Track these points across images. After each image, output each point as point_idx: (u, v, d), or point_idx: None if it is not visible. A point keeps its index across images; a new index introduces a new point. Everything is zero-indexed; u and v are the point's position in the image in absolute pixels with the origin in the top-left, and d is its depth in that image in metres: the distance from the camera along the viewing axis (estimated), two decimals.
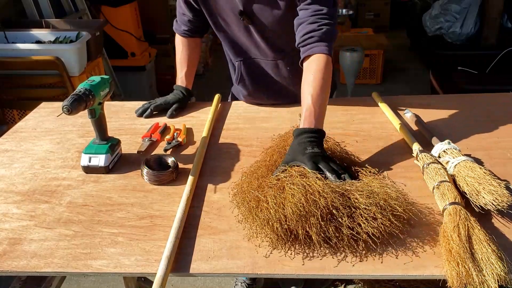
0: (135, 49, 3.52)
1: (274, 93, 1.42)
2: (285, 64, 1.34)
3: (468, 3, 4.17)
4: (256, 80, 1.39)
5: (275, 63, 1.34)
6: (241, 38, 1.32)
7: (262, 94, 1.43)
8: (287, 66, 1.34)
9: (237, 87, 1.45)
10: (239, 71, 1.39)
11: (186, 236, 0.85)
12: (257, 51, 1.33)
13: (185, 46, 1.45)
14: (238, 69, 1.39)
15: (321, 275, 0.77)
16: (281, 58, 1.33)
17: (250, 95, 1.44)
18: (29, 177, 1.07)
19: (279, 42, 1.29)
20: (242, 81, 1.41)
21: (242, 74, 1.39)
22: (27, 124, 1.37)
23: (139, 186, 1.02)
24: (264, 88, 1.41)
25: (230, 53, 1.40)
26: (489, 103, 1.38)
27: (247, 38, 1.31)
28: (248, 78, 1.39)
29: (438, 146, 1.05)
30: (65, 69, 2.31)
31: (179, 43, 1.46)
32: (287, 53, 1.31)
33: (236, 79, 1.42)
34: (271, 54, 1.32)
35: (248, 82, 1.40)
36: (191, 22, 1.40)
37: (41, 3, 2.85)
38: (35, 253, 0.82)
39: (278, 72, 1.36)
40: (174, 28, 1.46)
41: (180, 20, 1.42)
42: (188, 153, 1.17)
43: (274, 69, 1.36)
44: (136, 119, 1.37)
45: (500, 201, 0.83)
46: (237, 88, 1.47)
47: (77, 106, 0.97)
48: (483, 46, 4.11)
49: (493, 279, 0.69)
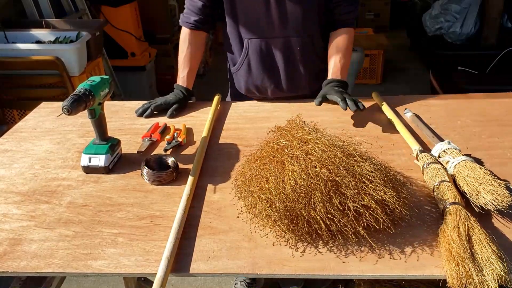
0: (135, 49, 3.52)
1: (277, 79, 1.43)
2: (297, 43, 1.37)
3: (468, 3, 4.17)
4: (263, 62, 1.40)
5: (287, 42, 1.37)
6: (256, 13, 1.34)
7: (266, 80, 1.43)
8: (298, 46, 1.38)
9: (239, 74, 1.45)
10: (246, 50, 1.39)
11: (186, 236, 0.85)
12: (271, 28, 1.36)
13: (191, 43, 1.44)
14: (246, 48, 1.40)
15: (321, 275, 0.77)
16: (294, 36, 1.37)
17: (253, 82, 1.44)
18: (29, 177, 1.07)
19: (295, 20, 1.34)
20: (247, 64, 1.41)
21: (249, 54, 1.40)
22: (27, 124, 1.37)
23: (139, 186, 1.02)
24: (269, 73, 1.42)
25: (241, 30, 1.39)
26: (489, 103, 1.38)
27: (264, 14, 1.33)
28: (255, 58, 1.40)
29: (438, 146, 1.05)
30: (65, 69, 2.31)
31: (185, 40, 1.45)
32: (300, 33, 1.36)
33: (240, 62, 1.43)
34: (284, 32, 1.36)
35: (253, 63, 1.41)
36: (204, 7, 1.40)
37: (41, 3, 2.85)
38: (35, 254, 0.82)
39: (287, 53, 1.39)
40: (181, 21, 1.45)
41: (191, 8, 1.42)
42: (188, 153, 1.17)
43: (284, 49, 1.38)
44: (136, 119, 1.37)
45: (500, 201, 0.83)
46: (238, 77, 1.47)
47: (77, 107, 0.97)
48: (483, 46, 4.11)
49: (493, 279, 0.69)
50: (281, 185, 0.80)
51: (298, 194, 0.78)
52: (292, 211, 0.79)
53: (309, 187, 0.78)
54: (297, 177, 0.79)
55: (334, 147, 0.87)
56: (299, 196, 0.78)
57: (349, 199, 0.78)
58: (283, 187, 0.80)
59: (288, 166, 0.83)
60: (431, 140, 1.12)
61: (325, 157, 0.83)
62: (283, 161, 0.85)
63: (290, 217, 0.80)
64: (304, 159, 0.83)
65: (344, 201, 0.78)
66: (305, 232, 0.80)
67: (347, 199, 0.78)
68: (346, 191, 0.79)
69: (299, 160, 0.84)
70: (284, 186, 0.80)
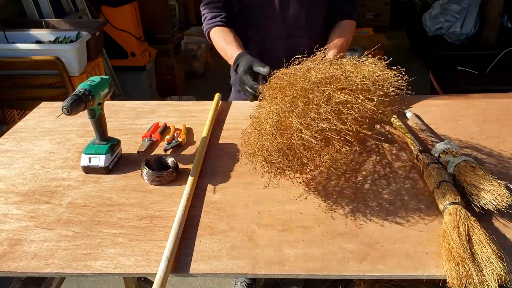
0: (135, 49, 3.52)
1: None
2: (300, 43, 1.33)
3: (468, 3, 4.16)
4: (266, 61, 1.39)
5: (291, 42, 1.38)
6: (261, 13, 1.35)
7: None
8: (302, 47, 1.35)
9: None
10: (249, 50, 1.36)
11: (186, 236, 0.85)
12: (274, 28, 1.37)
13: (225, 33, 1.39)
14: (249, 47, 1.39)
15: (321, 275, 0.77)
16: (298, 36, 1.39)
17: None
18: (29, 177, 1.07)
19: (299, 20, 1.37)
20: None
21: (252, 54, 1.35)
22: (27, 124, 1.37)
23: (139, 187, 1.02)
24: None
25: (244, 30, 1.40)
26: (489, 103, 1.38)
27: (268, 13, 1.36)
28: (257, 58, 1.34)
29: (438, 146, 1.05)
30: (65, 69, 2.31)
31: (218, 32, 1.40)
32: (304, 33, 1.39)
33: None
34: (288, 32, 1.38)
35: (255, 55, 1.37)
36: (225, 4, 1.41)
37: (41, 3, 2.85)
38: (35, 254, 0.82)
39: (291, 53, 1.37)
40: (206, 27, 1.43)
41: (213, 10, 1.41)
42: (188, 153, 1.16)
43: (287, 49, 1.35)
44: (136, 119, 1.37)
45: (500, 201, 0.83)
46: None
47: (77, 107, 0.97)
48: (483, 46, 4.11)
49: (493, 279, 0.69)
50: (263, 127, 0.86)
51: (279, 128, 0.84)
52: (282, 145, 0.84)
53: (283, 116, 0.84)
54: (272, 115, 0.85)
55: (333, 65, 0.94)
56: (280, 130, 0.84)
57: (322, 104, 0.83)
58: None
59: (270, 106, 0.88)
60: (431, 140, 1.12)
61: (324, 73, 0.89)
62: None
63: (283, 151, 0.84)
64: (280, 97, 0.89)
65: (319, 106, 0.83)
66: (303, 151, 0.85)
67: (321, 106, 0.83)
68: (318, 100, 0.84)
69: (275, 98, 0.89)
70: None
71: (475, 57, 3.94)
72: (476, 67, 3.67)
